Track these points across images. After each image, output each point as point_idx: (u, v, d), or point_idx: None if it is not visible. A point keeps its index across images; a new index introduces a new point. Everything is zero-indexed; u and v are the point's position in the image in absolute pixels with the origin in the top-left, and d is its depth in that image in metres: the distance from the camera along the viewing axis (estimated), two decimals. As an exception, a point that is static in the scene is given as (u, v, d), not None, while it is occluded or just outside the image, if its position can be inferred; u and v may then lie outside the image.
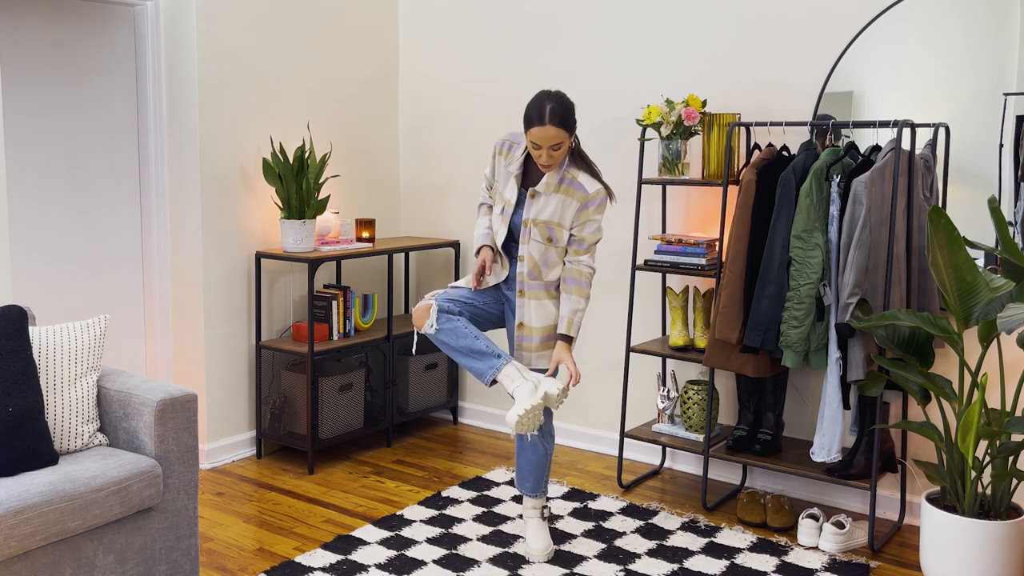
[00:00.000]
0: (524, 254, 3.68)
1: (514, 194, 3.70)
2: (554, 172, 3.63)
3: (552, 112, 3.49)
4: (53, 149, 4.68)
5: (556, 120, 3.48)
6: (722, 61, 4.59)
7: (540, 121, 3.49)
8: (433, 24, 5.57)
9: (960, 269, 3.38)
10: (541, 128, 3.49)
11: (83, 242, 4.81)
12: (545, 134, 3.49)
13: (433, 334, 3.64)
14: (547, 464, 3.88)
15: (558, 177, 3.63)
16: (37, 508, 2.88)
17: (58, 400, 3.25)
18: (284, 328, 5.13)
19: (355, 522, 4.18)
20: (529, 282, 3.69)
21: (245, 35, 4.86)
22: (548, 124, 3.48)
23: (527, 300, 3.70)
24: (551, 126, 3.48)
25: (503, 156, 3.77)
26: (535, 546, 3.83)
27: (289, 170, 4.74)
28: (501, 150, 3.78)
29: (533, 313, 3.70)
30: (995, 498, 3.53)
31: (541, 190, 3.64)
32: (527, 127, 3.53)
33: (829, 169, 3.90)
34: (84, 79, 4.76)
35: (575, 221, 3.65)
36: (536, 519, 3.89)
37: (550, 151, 3.53)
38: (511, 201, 3.70)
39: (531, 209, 3.66)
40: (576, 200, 3.63)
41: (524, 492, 3.91)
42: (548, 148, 3.52)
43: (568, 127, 3.53)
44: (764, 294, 3.95)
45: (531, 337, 3.71)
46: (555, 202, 3.64)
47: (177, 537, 3.33)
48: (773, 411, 4.28)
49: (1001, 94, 3.91)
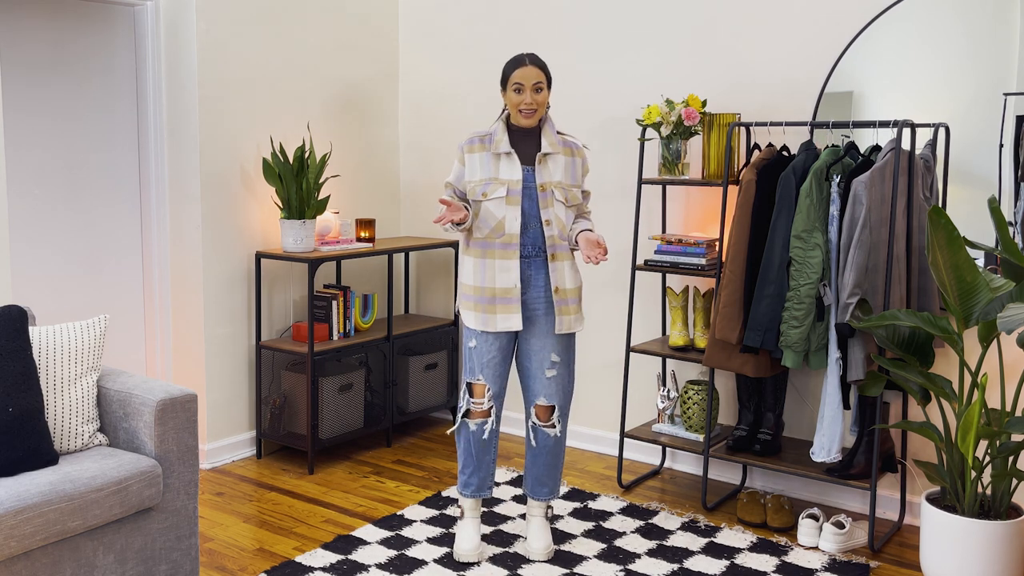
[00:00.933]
0: (551, 218, 3.67)
1: (518, 170, 3.66)
2: (549, 132, 3.70)
3: (531, 56, 3.68)
4: (53, 149, 4.67)
5: (536, 61, 3.66)
6: (722, 61, 4.58)
7: (521, 63, 3.66)
8: (433, 23, 5.56)
9: (960, 269, 3.38)
10: (523, 68, 3.64)
11: (83, 242, 4.80)
12: (527, 72, 3.63)
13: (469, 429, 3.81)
14: (562, 466, 3.89)
15: (556, 138, 3.72)
16: (37, 508, 2.88)
17: (58, 400, 3.24)
18: (284, 328, 5.12)
19: (355, 522, 4.17)
20: (559, 243, 3.69)
21: (245, 35, 4.85)
22: (529, 64, 3.64)
23: (559, 263, 3.70)
24: (532, 66, 3.64)
25: (479, 151, 3.71)
26: (537, 545, 3.82)
27: (289, 170, 4.74)
28: (472, 147, 3.72)
29: (567, 275, 3.72)
30: (995, 498, 3.53)
31: (549, 150, 3.68)
32: (508, 74, 3.67)
33: (829, 169, 3.89)
34: (84, 79, 4.75)
35: (583, 177, 3.80)
36: (540, 518, 3.88)
37: (533, 92, 3.63)
38: (515, 179, 3.65)
39: (543, 174, 3.68)
40: (578, 156, 3.77)
41: (540, 497, 3.87)
42: (531, 88, 3.63)
43: (547, 72, 3.69)
44: (764, 294, 3.94)
45: (567, 300, 3.71)
46: (563, 163, 3.71)
47: (177, 537, 3.32)
48: (773, 411, 4.28)
49: (1001, 94, 3.90)
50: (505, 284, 3.65)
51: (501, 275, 3.65)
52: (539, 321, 3.71)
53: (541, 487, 3.86)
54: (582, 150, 3.79)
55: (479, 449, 3.81)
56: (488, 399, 3.75)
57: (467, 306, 3.73)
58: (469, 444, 3.81)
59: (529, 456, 3.87)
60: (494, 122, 3.76)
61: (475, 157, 3.71)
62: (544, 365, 3.72)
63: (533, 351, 3.73)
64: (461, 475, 3.86)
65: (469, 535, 3.84)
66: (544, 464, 3.83)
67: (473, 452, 3.81)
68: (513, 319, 3.66)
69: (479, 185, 3.68)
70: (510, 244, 3.64)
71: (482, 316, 3.68)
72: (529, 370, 3.76)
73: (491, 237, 3.66)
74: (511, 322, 3.66)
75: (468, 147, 3.73)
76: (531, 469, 3.87)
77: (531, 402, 3.79)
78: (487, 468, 3.85)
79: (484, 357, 3.73)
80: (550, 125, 3.73)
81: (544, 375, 3.73)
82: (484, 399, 3.75)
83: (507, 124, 3.73)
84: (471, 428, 3.79)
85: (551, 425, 3.77)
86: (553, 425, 3.77)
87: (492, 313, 3.67)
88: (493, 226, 3.65)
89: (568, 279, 3.71)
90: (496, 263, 3.65)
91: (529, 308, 3.70)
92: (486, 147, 3.70)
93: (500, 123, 3.72)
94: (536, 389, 3.75)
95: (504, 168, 3.67)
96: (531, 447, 3.84)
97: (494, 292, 3.66)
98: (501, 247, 3.64)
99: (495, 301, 3.66)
